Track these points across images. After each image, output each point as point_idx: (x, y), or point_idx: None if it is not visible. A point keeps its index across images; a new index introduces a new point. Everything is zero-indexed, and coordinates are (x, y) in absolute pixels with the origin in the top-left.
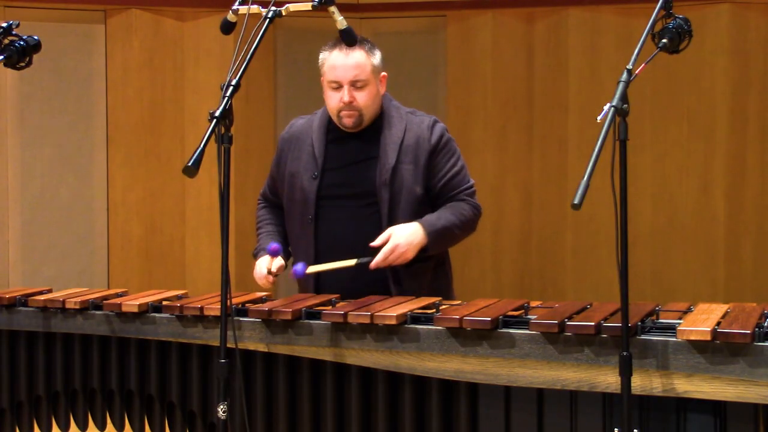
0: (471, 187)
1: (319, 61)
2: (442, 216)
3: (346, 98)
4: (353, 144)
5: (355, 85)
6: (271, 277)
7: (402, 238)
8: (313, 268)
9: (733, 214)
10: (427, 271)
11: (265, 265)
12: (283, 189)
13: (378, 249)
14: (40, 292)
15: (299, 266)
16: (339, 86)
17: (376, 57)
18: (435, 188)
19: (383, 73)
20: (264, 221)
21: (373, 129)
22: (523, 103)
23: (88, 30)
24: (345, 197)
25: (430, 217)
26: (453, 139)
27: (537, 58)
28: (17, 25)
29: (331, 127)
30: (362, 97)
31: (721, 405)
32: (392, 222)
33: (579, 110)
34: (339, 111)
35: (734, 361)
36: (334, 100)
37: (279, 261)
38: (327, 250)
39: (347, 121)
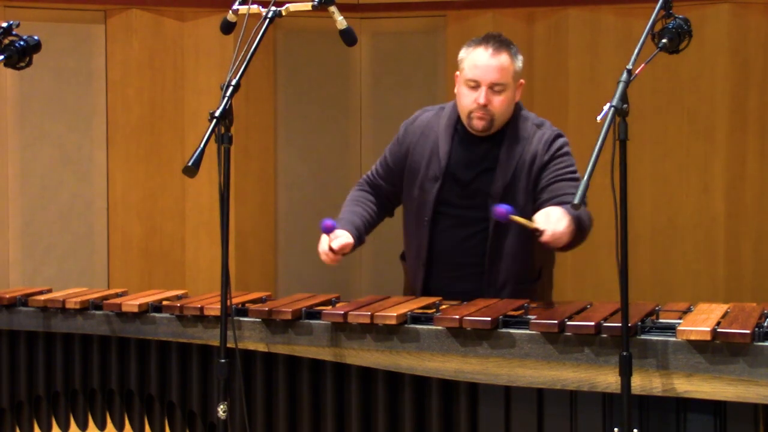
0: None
1: (460, 55)
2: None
3: (482, 100)
4: (477, 151)
5: (493, 87)
6: (331, 254)
7: (562, 215)
8: (515, 218)
9: (733, 214)
10: (534, 292)
11: (326, 241)
12: (401, 178)
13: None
14: (40, 292)
15: (504, 208)
16: (477, 86)
17: (519, 62)
18: (540, 185)
19: (521, 80)
20: (355, 201)
21: (498, 137)
22: (522, 102)
23: (88, 30)
24: (461, 206)
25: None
26: (571, 155)
27: (537, 58)
28: (17, 25)
29: (458, 128)
30: (498, 102)
31: (721, 405)
32: (498, 237)
33: (579, 110)
34: (471, 112)
35: (734, 361)
36: (468, 99)
37: (344, 239)
38: (439, 255)
39: (477, 124)
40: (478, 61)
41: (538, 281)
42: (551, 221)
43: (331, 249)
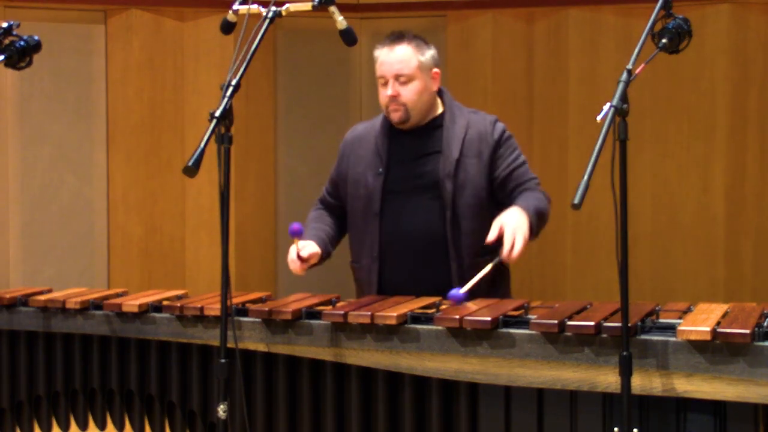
0: (536, 178)
1: (374, 58)
2: (528, 201)
3: (389, 92)
4: (416, 140)
5: (398, 79)
6: (299, 262)
7: (515, 223)
8: (466, 288)
9: (733, 214)
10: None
11: (295, 250)
12: (345, 190)
13: (492, 246)
14: (41, 292)
15: (456, 292)
16: (385, 82)
17: (424, 53)
18: (499, 178)
19: (435, 70)
20: (315, 220)
21: (435, 125)
22: (523, 103)
23: (88, 30)
24: (409, 191)
25: (519, 203)
26: (513, 136)
27: (537, 58)
28: (18, 26)
29: (392, 126)
30: (407, 92)
31: (720, 405)
32: (455, 214)
33: (579, 110)
34: (386, 107)
35: (734, 361)
36: (382, 96)
37: (311, 247)
38: (391, 243)
39: (394, 116)
40: (381, 57)
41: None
42: (507, 240)
43: (299, 257)
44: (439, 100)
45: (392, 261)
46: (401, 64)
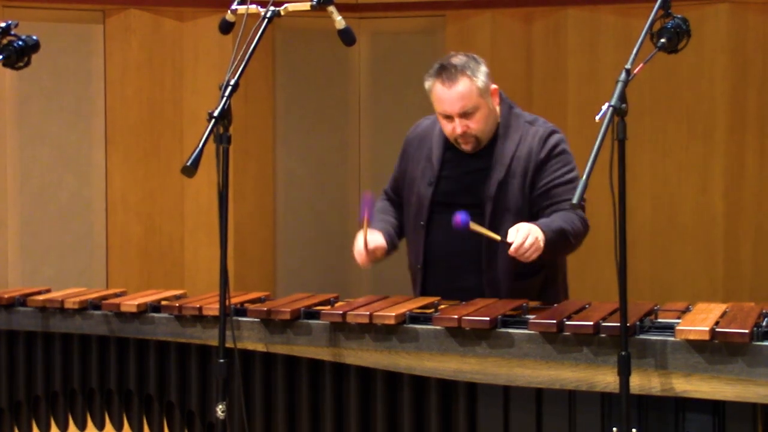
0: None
1: (426, 87)
2: (555, 220)
3: (459, 130)
4: (471, 154)
5: (464, 115)
6: (365, 254)
7: (531, 229)
8: (474, 226)
9: (732, 214)
10: (533, 288)
11: (362, 240)
12: (403, 188)
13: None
14: (39, 292)
15: (462, 216)
16: (449, 117)
17: (480, 77)
18: (535, 193)
19: (493, 87)
20: (381, 212)
21: (490, 139)
22: (522, 102)
23: (86, 30)
24: (456, 206)
25: (543, 220)
26: (569, 152)
27: (536, 58)
28: (16, 25)
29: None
30: (475, 123)
31: (719, 404)
32: (493, 230)
33: (578, 110)
34: (455, 139)
35: (733, 361)
36: (447, 129)
37: (378, 239)
38: (434, 255)
39: (466, 147)
40: (440, 96)
41: (536, 276)
42: (519, 236)
43: (365, 247)
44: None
45: (434, 273)
46: (463, 101)
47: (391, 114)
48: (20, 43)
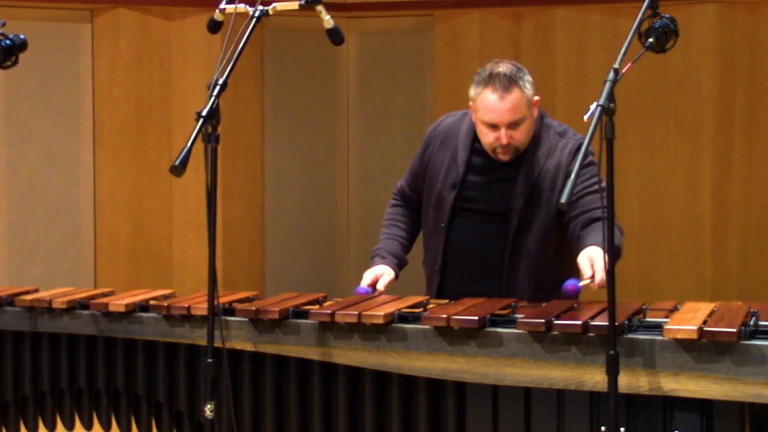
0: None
1: (470, 92)
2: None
3: (504, 141)
4: (497, 161)
5: (512, 125)
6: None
7: (600, 256)
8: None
9: (720, 213)
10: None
11: (370, 278)
12: (423, 184)
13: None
14: (27, 292)
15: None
16: (495, 126)
17: (528, 87)
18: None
19: (536, 98)
20: (391, 221)
21: None
22: None
23: (74, 29)
24: (478, 212)
25: (595, 240)
26: (597, 164)
27: (524, 58)
28: (3, 24)
29: (478, 138)
30: (519, 134)
31: (707, 403)
32: (518, 245)
33: (566, 109)
34: (495, 148)
35: (720, 360)
36: (489, 138)
37: (386, 277)
38: (453, 259)
39: (504, 158)
40: (491, 105)
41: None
42: (599, 271)
43: (375, 288)
44: None
45: (451, 277)
46: (515, 112)
47: (379, 113)
48: (8, 42)
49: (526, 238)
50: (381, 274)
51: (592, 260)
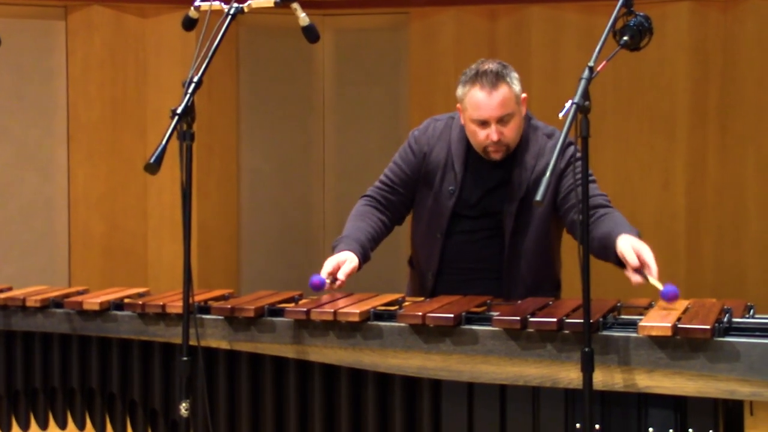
0: (605, 195)
1: (458, 91)
2: (623, 224)
3: (495, 137)
4: (490, 166)
5: (501, 121)
6: (338, 282)
7: (644, 246)
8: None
9: (694, 211)
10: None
11: (330, 267)
12: (410, 186)
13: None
14: (0, 290)
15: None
16: (485, 123)
17: (515, 83)
18: (560, 195)
19: (523, 95)
20: (360, 216)
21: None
22: None
23: (48, 26)
24: (476, 217)
25: (623, 229)
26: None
27: (499, 55)
28: None
29: (470, 144)
30: (509, 131)
31: (681, 400)
32: (513, 248)
33: (541, 107)
34: (486, 147)
35: (694, 357)
36: (480, 136)
37: (348, 265)
38: (450, 264)
39: (495, 156)
40: (479, 101)
41: (557, 291)
42: (651, 261)
43: (334, 277)
44: None
45: (447, 280)
46: (504, 107)
47: (355, 111)
48: None
49: (523, 240)
50: (343, 261)
51: (637, 251)
